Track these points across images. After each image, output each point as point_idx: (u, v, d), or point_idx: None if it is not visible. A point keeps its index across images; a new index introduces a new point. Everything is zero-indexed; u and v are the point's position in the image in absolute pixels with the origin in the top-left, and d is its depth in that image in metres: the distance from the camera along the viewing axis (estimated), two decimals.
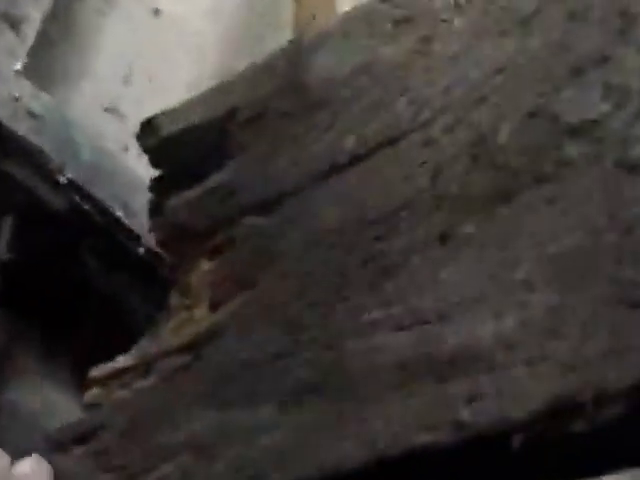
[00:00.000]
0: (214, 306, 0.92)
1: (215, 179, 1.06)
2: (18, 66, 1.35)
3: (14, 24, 1.41)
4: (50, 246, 1.39)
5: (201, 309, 0.95)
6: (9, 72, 1.32)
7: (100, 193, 1.44)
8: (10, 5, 1.42)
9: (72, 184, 1.37)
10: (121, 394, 0.93)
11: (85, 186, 1.39)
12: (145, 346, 0.99)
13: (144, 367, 0.93)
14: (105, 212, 1.42)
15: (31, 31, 1.46)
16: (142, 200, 1.47)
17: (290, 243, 0.89)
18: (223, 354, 0.86)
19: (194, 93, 1.96)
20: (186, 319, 0.95)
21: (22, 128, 1.31)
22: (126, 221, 1.47)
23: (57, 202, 1.35)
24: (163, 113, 1.20)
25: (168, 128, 1.17)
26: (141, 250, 1.50)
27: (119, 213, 1.47)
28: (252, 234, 0.94)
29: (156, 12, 2.25)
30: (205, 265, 0.97)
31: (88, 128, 1.47)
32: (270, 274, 0.89)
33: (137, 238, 1.48)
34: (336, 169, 0.90)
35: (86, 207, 1.40)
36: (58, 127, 1.39)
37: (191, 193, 1.09)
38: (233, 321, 0.88)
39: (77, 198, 1.38)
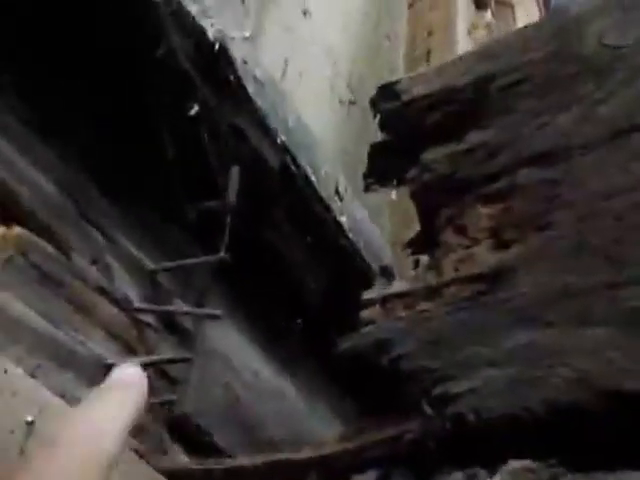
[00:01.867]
0: (502, 245, 0.92)
1: (476, 137, 1.07)
2: (247, 34, 1.35)
3: None
4: (262, 200, 1.38)
5: (481, 248, 0.95)
6: (239, 36, 1.31)
7: (301, 159, 1.44)
8: None
9: (285, 146, 1.36)
10: (404, 313, 0.93)
11: (293, 150, 1.39)
12: (417, 278, 0.99)
13: (425, 292, 0.93)
14: (307, 178, 1.42)
15: (253, 4, 1.47)
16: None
17: (584, 191, 0.89)
18: (528, 284, 0.86)
19: (333, 88, 1.96)
20: (466, 256, 0.95)
21: (248, 87, 1.30)
22: (320, 190, 1.47)
23: (273, 160, 1.35)
24: (407, 78, 1.20)
25: (412, 92, 1.17)
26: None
27: (314, 179, 1.47)
28: (535, 183, 0.95)
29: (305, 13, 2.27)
30: (482, 210, 0.98)
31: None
32: (566, 219, 0.89)
33: (327, 208, 1.49)
34: (637, 128, 0.90)
35: (293, 169, 1.40)
36: (273, 94, 1.38)
37: (447, 149, 1.09)
38: (532, 257, 0.88)
39: (288, 159, 1.38)
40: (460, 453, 0.87)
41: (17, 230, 1.13)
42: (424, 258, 1.10)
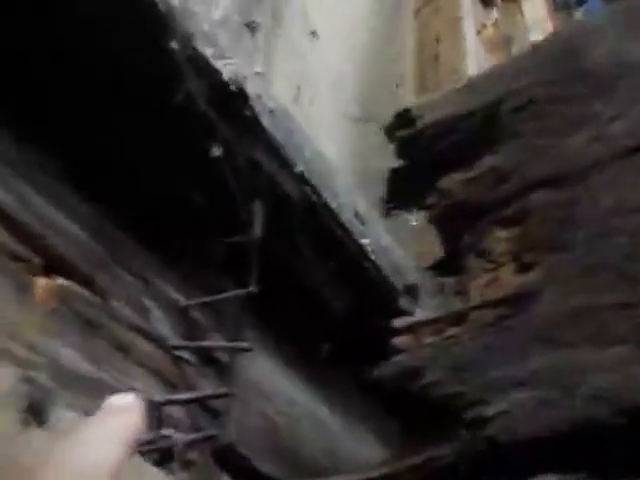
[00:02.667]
0: (524, 268, 0.99)
1: (488, 161, 1.14)
2: (259, 69, 1.43)
3: (253, 31, 1.51)
4: (285, 230, 1.47)
5: (505, 271, 1.02)
6: (251, 73, 1.40)
7: (320, 186, 1.52)
8: (249, 14, 1.52)
9: (303, 177, 1.44)
10: (432, 340, 1.01)
11: (312, 180, 1.47)
12: (443, 304, 1.06)
13: (454, 318, 1.00)
14: (325, 204, 1.50)
15: (261, 38, 1.55)
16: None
17: (598, 210, 0.96)
18: (548, 305, 0.93)
19: (346, 108, 2.05)
20: (491, 280, 1.02)
21: (264, 121, 1.39)
22: (341, 216, 1.55)
23: (293, 191, 1.43)
24: (417, 107, 1.28)
25: (424, 119, 1.25)
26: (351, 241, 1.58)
27: (333, 205, 1.55)
28: (549, 205, 1.02)
29: (314, 34, 2.34)
30: (501, 233, 1.05)
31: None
32: (581, 238, 0.96)
33: (349, 232, 1.56)
34: None
35: (313, 198, 1.48)
36: (288, 125, 1.47)
37: (461, 175, 1.17)
38: (550, 278, 0.95)
39: (307, 189, 1.46)
40: (492, 471, 0.94)
41: (59, 281, 1.22)
42: (449, 281, 1.18)
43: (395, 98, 2.83)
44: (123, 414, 0.74)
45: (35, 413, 0.93)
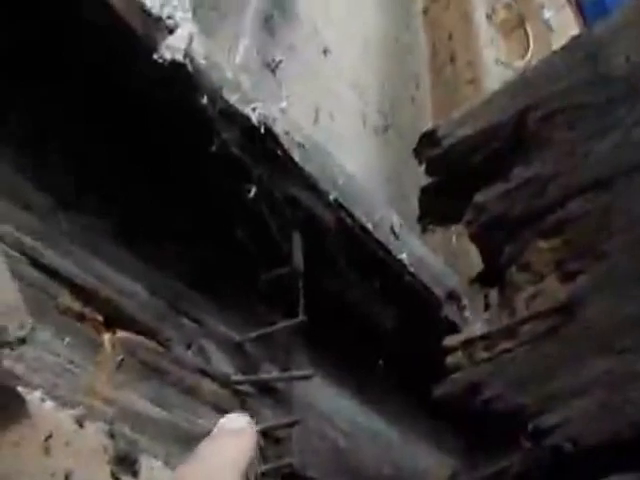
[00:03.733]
0: (569, 277, 1.08)
1: (522, 173, 1.23)
2: (283, 104, 1.55)
3: (274, 69, 1.62)
4: (326, 257, 1.58)
5: (549, 282, 1.11)
6: (277, 110, 1.51)
7: (355, 210, 1.62)
8: (266, 50, 1.64)
9: (338, 203, 1.55)
10: (485, 355, 1.11)
11: (345, 205, 1.58)
12: (491, 319, 1.16)
13: (505, 333, 1.10)
14: (363, 227, 1.61)
15: (283, 75, 1.67)
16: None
17: (630, 216, 1.05)
18: (599, 313, 1.02)
19: (366, 120, 2.17)
20: (536, 292, 1.12)
21: (296, 156, 1.50)
22: (377, 235, 1.65)
23: (329, 219, 1.54)
24: (444, 124, 1.37)
25: (451, 137, 1.35)
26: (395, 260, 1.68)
27: (369, 226, 1.66)
28: (587, 213, 1.10)
29: (325, 52, 2.43)
30: (542, 244, 1.15)
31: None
32: (618, 245, 1.05)
33: (387, 250, 1.67)
34: None
35: (349, 222, 1.59)
36: (319, 155, 1.58)
37: (497, 189, 1.26)
38: (597, 286, 1.04)
39: (342, 215, 1.57)
40: (558, 478, 1.03)
41: (122, 334, 1.35)
42: (493, 296, 1.28)
43: (415, 102, 2.93)
44: (238, 438, 0.76)
45: (126, 465, 1.05)
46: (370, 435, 1.80)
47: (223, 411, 1.49)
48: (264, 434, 1.51)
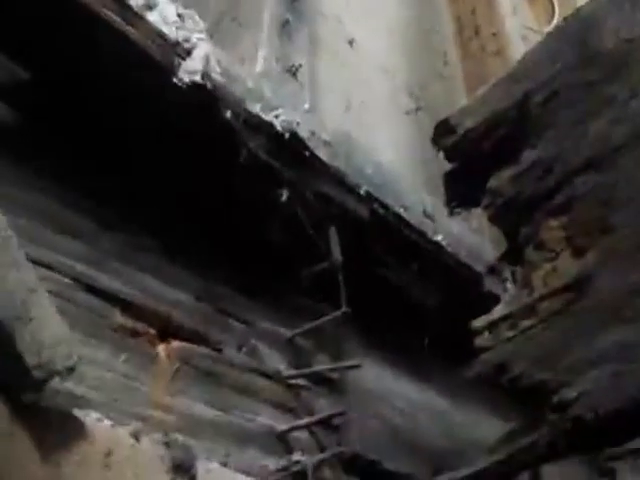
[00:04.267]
0: (579, 253, 1.09)
1: (529, 156, 1.24)
2: (306, 106, 1.58)
3: (295, 74, 1.65)
4: (363, 247, 1.61)
5: (562, 259, 1.12)
6: (301, 111, 1.54)
7: (386, 198, 1.64)
8: (286, 55, 1.67)
9: (369, 195, 1.58)
10: (510, 334, 1.13)
11: (377, 195, 1.60)
12: (514, 298, 1.18)
13: (525, 311, 1.12)
14: (395, 214, 1.63)
15: (303, 77, 1.70)
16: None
17: (633, 188, 1.05)
18: (608, 285, 1.04)
19: (396, 103, 2.15)
20: (551, 269, 1.13)
21: (323, 155, 1.53)
22: (410, 219, 1.67)
23: (362, 210, 1.57)
24: (456, 113, 1.38)
25: (464, 125, 1.35)
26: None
27: (403, 213, 1.68)
28: (592, 189, 1.11)
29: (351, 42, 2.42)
30: (553, 223, 1.15)
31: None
32: (627, 218, 1.05)
33: (422, 233, 1.68)
34: None
35: (381, 212, 1.61)
36: (346, 149, 1.60)
37: (508, 172, 1.27)
38: (605, 260, 1.06)
39: (375, 205, 1.59)
40: (583, 445, 1.06)
41: (175, 343, 1.41)
42: (516, 273, 1.30)
43: (444, 79, 2.92)
44: None
45: (183, 472, 1.11)
46: (426, 411, 1.84)
47: (279, 406, 1.55)
48: (321, 423, 1.56)
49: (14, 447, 0.92)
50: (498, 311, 1.24)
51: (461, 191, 1.45)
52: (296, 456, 1.48)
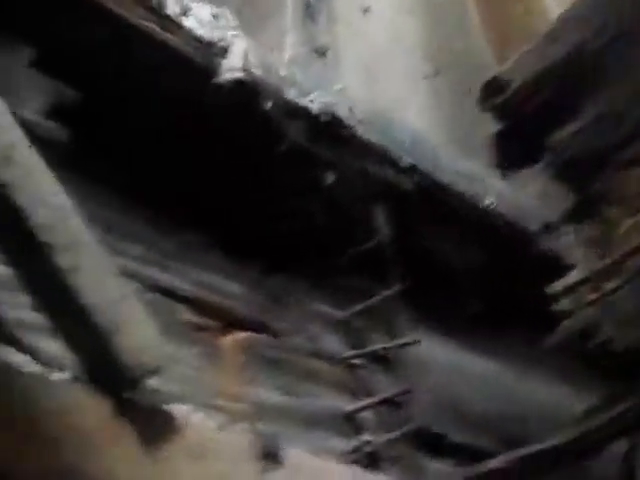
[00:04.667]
0: None
1: (592, 108, 1.29)
2: (339, 85, 1.66)
3: (324, 53, 1.74)
4: (412, 219, 1.70)
5: None
6: (334, 91, 1.63)
7: (428, 168, 1.73)
8: (312, 37, 1.75)
9: (411, 167, 1.66)
10: (592, 297, 1.19)
11: (419, 166, 1.69)
12: (588, 259, 1.24)
13: (607, 272, 1.18)
14: (440, 183, 1.71)
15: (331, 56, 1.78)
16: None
17: None
18: None
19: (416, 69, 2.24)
20: (632, 225, 1.19)
21: (360, 132, 1.62)
22: (457, 186, 1.75)
23: (406, 183, 1.66)
24: (504, 71, 1.43)
25: (514, 82, 1.41)
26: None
27: (448, 181, 1.76)
28: None
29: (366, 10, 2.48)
30: (627, 176, 1.20)
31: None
32: None
33: (470, 199, 1.77)
34: None
35: (426, 182, 1.70)
36: (383, 124, 1.68)
37: (569, 128, 1.33)
38: None
39: (419, 177, 1.68)
40: None
41: (239, 335, 1.53)
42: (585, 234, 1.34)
43: (464, 39, 2.97)
44: None
45: (271, 458, 1.22)
46: (489, 381, 1.94)
47: (342, 388, 1.65)
48: (386, 402, 1.66)
49: (115, 443, 1.03)
50: (574, 275, 1.29)
51: (513, 151, 1.51)
52: (365, 436, 1.59)
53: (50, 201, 1.00)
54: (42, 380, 1.01)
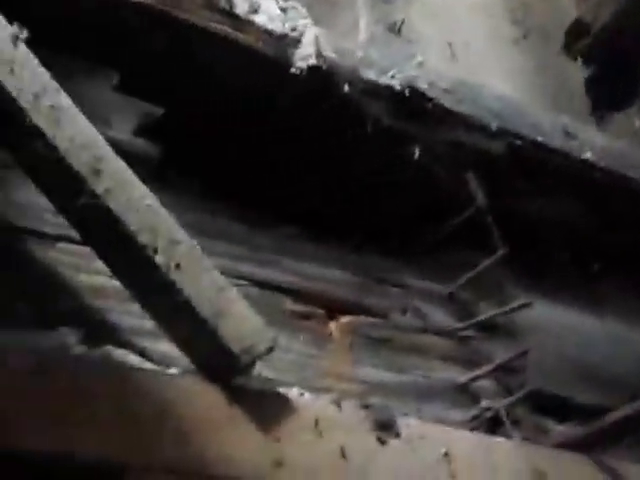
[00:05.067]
0: None
1: None
2: (419, 59, 1.66)
3: (399, 30, 1.75)
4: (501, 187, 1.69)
5: None
6: (414, 65, 1.63)
7: (520, 129, 1.71)
8: (389, 17, 1.77)
9: (501, 130, 1.65)
10: None
11: (509, 128, 1.67)
12: None
13: None
14: (534, 142, 1.69)
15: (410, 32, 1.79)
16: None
17: None
18: None
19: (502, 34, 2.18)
20: None
21: (444, 103, 1.61)
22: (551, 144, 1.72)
23: (497, 147, 1.65)
24: (585, 11, 1.39)
25: (597, 22, 1.36)
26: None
27: (541, 139, 1.73)
28: None
29: None
30: None
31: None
32: None
33: (566, 155, 1.74)
34: None
35: (518, 143, 1.68)
36: (467, 92, 1.68)
37: None
38: None
39: (510, 139, 1.66)
40: None
41: (344, 319, 1.57)
42: None
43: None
44: None
45: (387, 430, 1.26)
46: (604, 339, 1.92)
47: (454, 360, 1.67)
48: (501, 368, 1.67)
49: (236, 428, 1.09)
50: None
51: (604, 96, 1.47)
52: (484, 403, 1.60)
53: (142, 206, 1.07)
54: (157, 376, 1.08)
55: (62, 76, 1.14)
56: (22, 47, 1.07)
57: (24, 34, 1.07)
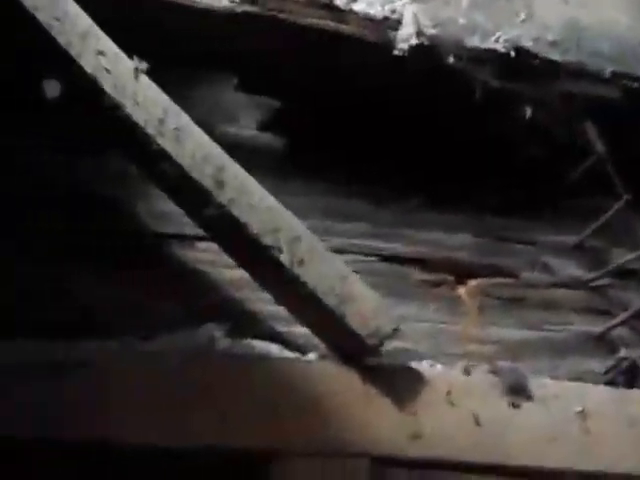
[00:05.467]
0: None
1: None
2: (522, 16, 1.65)
3: None
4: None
5: None
6: (518, 23, 1.63)
7: (635, 71, 1.67)
8: None
9: (615, 74, 1.62)
10: None
11: (624, 71, 1.64)
12: None
13: None
14: None
15: None
16: None
17: None
18: None
19: None
20: None
21: (554, 56, 1.61)
22: None
23: (613, 93, 1.63)
24: None
25: None
26: None
27: None
28: None
29: None
30: None
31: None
32: None
33: None
34: None
35: (634, 86, 1.65)
36: (576, 40, 1.65)
37: None
38: None
39: (625, 81, 1.64)
40: None
41: (473, 282, 1.63)
42: None
43: None
44: None
45: (519, 393, 1.31)
46: None
47: (589, 311, 1.69)
48: (638, 316, 1.67)
49: (372, 406, 1.18)
50: None
51: None
52: (622, 353, 1.61)
53: (263, 209, 1.17)
54: (295, 363, 1.18)
55: (186, 87, 1.25)
56: (143, 79, 1.18)
57: (143, 66, 1.19)
